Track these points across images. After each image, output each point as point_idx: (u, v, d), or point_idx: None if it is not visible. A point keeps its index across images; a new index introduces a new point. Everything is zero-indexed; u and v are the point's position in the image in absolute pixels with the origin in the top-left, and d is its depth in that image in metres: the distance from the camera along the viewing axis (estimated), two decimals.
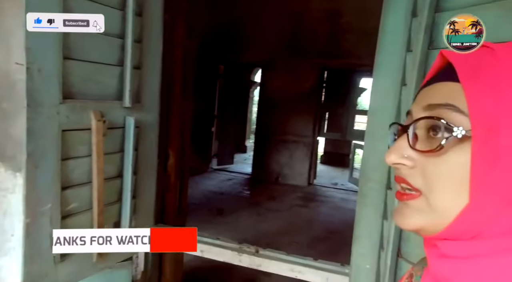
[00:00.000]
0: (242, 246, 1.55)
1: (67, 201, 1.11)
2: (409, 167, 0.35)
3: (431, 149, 0.33)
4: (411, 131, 0.36)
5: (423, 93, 0.38)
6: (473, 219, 0.32)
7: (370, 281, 1.10)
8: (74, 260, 1.15)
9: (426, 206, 0.34)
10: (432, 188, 0.34)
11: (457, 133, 0.32)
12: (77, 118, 1.10)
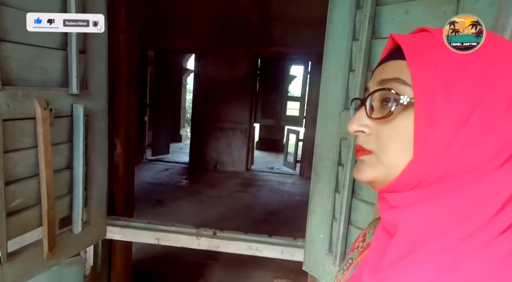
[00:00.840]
0: (199, 230, 1.58)
1: (12, 196, 1.02)
2: (366, 134, 0.42)
3: (383, 116, 0.40)
4: (368, 104, 0.43)
5: (378, 71, 0.45)
6: (415, 171, 0.39)
7: (324, 248, 1.23)
8: (22, 258, 1.06)
9: (377, 162, 0.42)
10: (384, 148, 0.41)
11: (403, 101, 0.39)
12: (19, 107, 1.00)
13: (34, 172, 1.09)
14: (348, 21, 1.12)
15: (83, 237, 1.31)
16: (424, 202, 0.39)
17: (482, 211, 0.36)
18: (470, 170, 0.37)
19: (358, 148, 0.44)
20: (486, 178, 0.36)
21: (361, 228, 1.12)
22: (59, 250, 1.18)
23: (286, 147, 7.42)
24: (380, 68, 0.44)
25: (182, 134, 9.82)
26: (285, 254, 1.52)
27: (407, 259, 0.38)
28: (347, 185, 1.11)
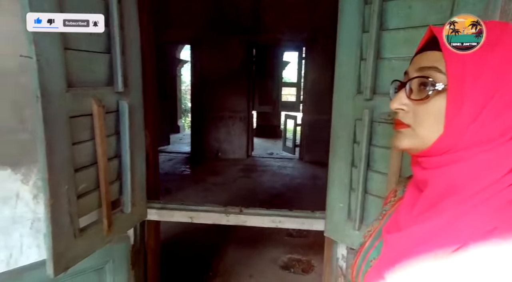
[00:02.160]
0: (227, 208, 1.76)
1: (79, 182, 1.18)
2: (405, 111, 0.52)
3: (421, 98, 0.49)
4: (408, 86, 0.51)
5: (417, 58, 0.52)
6: (445, 141, 0.48)
7: (344, 216, 1.42)
8: (88, 235, 1.24)
9: (413, 134, 0.51)
10: (420, 123, 0.50)
11: (439, 87, 0.47)
12: (80, 105, 1.16)
13: (92, 160, 1.25)
14: (358, 16, 1.28)
15: (131, 217, 1.49)
16: (450, 165, 0.48)
17: (493, 173, 0.45)
18: (487, 141, 0.46)
19: (397, 122, 0.53)
20: (498, 149, 0.45)
21: (377, 195, 1.32)
22: (114, 228, 1.35)
23: (284, 132, 7.60)
24: (419, 56, 0.52)
25: (180, 125, 9.92)
26: (305, 224, 1.71)
27: (433, 209, 0.49)
28: (363, 159, 1.29)
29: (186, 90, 11.52)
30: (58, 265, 1.09)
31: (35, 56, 0.97)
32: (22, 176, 1.47)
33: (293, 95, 8.30)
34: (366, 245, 0.64)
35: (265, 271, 3.06)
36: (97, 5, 1.21)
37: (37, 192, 1.50)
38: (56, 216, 1.08)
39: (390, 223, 0.60)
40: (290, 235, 3.76)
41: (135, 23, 1.41)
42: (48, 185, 1.04)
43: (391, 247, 0.53)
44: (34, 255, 1.53)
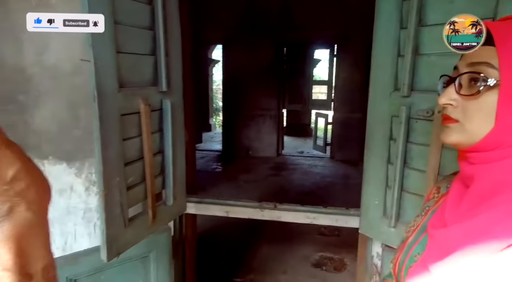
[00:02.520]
0: (262, 204, 1.81)
1: (128, 175, 1.28)
2: (454, 107, 0.51)
3: (471, 94, 0.48)
4: (457, 82, 0.50)
5: (467, 54, 0.51)
6: (496, 137, 0.47)
7: (379, 213, 1.43)
8: (136, 224, 1.33)
9: (462, 129, 0.50)
10: (469, 118, 0.49)
11: (490, 83, 0.46)
12: (129, 104, 1.25)
13: (139, 156, 1.34)
14: (396, 12, 1.28)
15: (172, 210, 1.58)
16: (500, 161, 0.48)
17: None
18: None
19: (446, 117, 0.52)
20: None
21: (414, 193, 1.31)
22: (158, 219, 1.45)
23: (315, 131, 7.55)
24: None
25: (211, 123, 10.13)
26: (339, 221, 1.73)
27: (483, 205, 0.48)
28: (399, 156, 1.29)
29: (217, 90, 11.73)
30: (111, 250, 1.19)
31: (93, 59, 1.07)
32: (76, 170, 1.61)
33: (324, 93, 8.21)
34: (409, 240, 0.64)
35: (297, 268, 3.08)
36: (144, 10, 1.30)
37: (88, 184, 1.63)
38: (109, 206, 1.18)
39: (435, 219, 0.59)
40: (322, 233, 3.76)
41: (177, 27, 1.49)
42: (102, 177, 1.14)
43: (437, 242, 0.53)
44: (86, 242, 1.67)
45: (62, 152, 1.59)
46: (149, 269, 1.58)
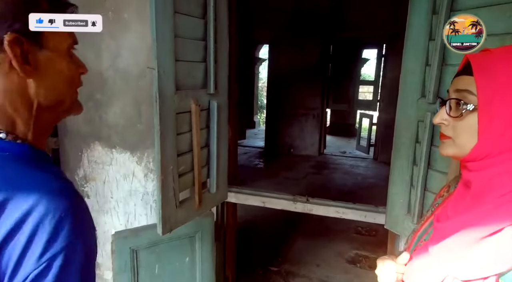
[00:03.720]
0: (295, 197, 1.98)
1: (180, 164, 1.52)
2: (446, 125, 0.62)
3: (457, 115, 0.59)
4: (447, 105, 0.61)
5: (455, 80, 0.62)
6: (480, 150, 0.58)
7: (403, 210, 1.52)
8: (185, 207, 1.57)
9: (453, 144, 0.62)
10: (458, 135, 0.61)
11: (470, 108, 0.57)
12: (183, 104, 1.48)
13: (189, 148, 1.58)
14: (426, 24, 1.37)
15: (215, 197, 1.81)
16: (488, 168, 0.58)
17: None
18: None
19: (441, 134, 0.65)
20: None
21: (435, 192, 1.39)
22: (203, 204, 1.68)
23: (359, 131, 7.47)
24: (457, 79, 0.62)
25: (256, 121, 10.40)
26: (368, 217, 1.84)
27: (476, 202, 0.59)
28: (423, 158, 1.38)
29: (262, 87, 11.97)
30: (165, 226, 1.44)
31: (157, 67, 1.31)
32: (137, 158, 1.90)
33: (370, 93, 8.07)
34: (419, 231, 0.76)
35: (331, 262, 3.20)
36: (199, 24, 1.53)
37: (147, 171, 1.91)
38: (165, 189, 1.42)
39: (440, 214, 0.69)
40: (359, 232, 3.82)
41: (225, 36, 1.71)
42: (160, 164, 1.38)
43: (439, 231, 0.64)
44: (143, 221, 1.96)
45: (127, 142, 1.89)
46: (195, 248, 1.83)
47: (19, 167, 0.45)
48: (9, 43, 0.45)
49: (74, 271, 0.43)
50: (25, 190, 0.42)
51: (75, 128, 1.93)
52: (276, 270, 3.06)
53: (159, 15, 1.30)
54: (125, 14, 1.76)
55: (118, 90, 1.83)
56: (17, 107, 0.48)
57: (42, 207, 0.41)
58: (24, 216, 0.40)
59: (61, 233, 0.41)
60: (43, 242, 0.40)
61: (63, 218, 0.42)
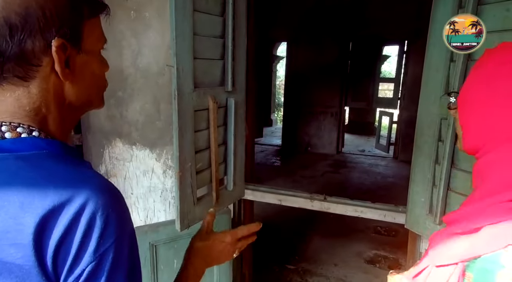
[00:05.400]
0: (312, 195, 1.96)
1: (197, 161, 1.53)
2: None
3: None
4: None
5: None
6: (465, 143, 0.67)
7: (425, 210, 1.48)
8: (202, 203, 1.59)
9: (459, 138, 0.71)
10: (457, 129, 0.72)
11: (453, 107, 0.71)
12: (201, 102, 1.50)
13: (207, 145, 1.59)
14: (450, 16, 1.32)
15: (232, 194, 1.82)
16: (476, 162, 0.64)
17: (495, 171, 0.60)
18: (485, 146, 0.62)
19: None
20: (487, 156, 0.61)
21: (461, 193, 1.35)
22: (220, 201, 1.69)
23: (378, 130, 7.33)
24: None
25: (273, 119, 10.38)
26: (387, 217, 1.80)
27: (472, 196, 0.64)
28: (446, 157, 1.34)
29: (280, 85, 11.92)
30: (183, 222, 1.46)
31: (175, 64, 1.32)
32: (156, 155, 1.93)
33: (390, 90, 7.89)
34: None
35: (349, 262, 3.16)
36: (217, 22, 1.53)
37: (165, 168, 1.94)
38: (183, 185, 1.44)
39: None
40: (378, 232, 3.75)
41: (243, 34, 1.70)
42: (178, 161, 1.40)
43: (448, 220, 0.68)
44: (162, 217, 1.99)
45: (147, 139, 1.93)
46: None
47: (61, 164, 0.47)
48: (57, 49, 0.47)
49: (123, 262, 0.45)
50: (74, 187, 0.44)
51: (97, 125, 1.98)
52: (293, 268, 3.05)
53: (179, 13, 1.31)
54: (146, 12, 1.79)
55: (138, 88, 1.87)
56: (51, 107, 0.50)
57: (93, 203, 0.43)
58: (78, 212, 0.42)
59: (110, 227, 0.44)
60: (96, 237, 0.43)
61: (110, 213, 0.44)
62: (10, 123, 0.47)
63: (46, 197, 0.42)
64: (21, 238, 0.41)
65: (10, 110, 0.47)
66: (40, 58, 0.46)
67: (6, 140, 0.46)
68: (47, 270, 0.42)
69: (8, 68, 0.45)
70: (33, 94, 0.48)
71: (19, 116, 0.48)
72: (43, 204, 0.41)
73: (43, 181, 0.43)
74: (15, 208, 0.41)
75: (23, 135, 0.47)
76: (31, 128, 0.48)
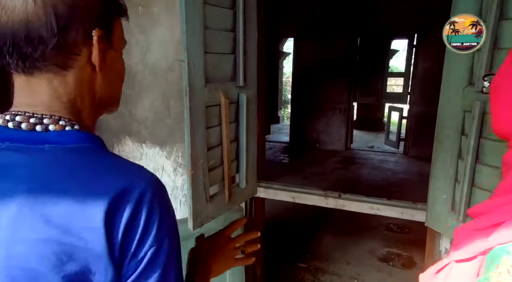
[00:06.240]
0: (327, 192, 1.91)
1: (210, 158, 1.49)
2: None
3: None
4: None
5: None
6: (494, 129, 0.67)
7: (447, 207, 1.42)
8: (215, 201, 1.55)
9: None
10: None
11: None
12: (213, 97, 1.45)
13: (219, 142, 1.54)
14: (474, 4, 1.25)
15: (245, 192, 1.77)
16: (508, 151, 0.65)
17: None
18: None
19: None
20: None
21: (486, 189, 1.28)
22: (232, 199, 1.65)
23: (387, 125, 7.23)
24: None
25: (280, 115, 10.31)
26: (405, 214, 1.74)
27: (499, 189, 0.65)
28: (471, 151, 1.28)
29: (286, 82, 11.84)
30: (196, 221, 1.42)
31: (186, 59, 1.28)
32: (166, 153, 1.89)
33: (399, 85, 7.77)
34: None
35: (362, 260, 3.10)
36: (228, 15, 1.48)
37: (176, 166, 1.90)
38: (195, 183, 1.40)
39: None
40: (390, 229, 3.69)
41: (254, 27, 1.65)
42: (190, 158, 1.36)
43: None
44: None
45: (156, 137, 1.89)
46: None
47: (106, 156, 0.51)
48: (98, 39, 0.49)
49: (176, 247, 0.50)
50: (131, 176, 0.47)
51: (106, 124, 1.95)
52: (305, 267, 3.01)
53: (189, 6, 1.26)
54: (154, 7, 1.75)
55: (147, 85, 1.83)
56: (85, 100, 0.52)
57: (151, 191, 0.46)
58: (140, 199, 0.45)
59: (166, 214, 0.48)
60: (156, 222, 0.46)
61: (164, 201, 0.49)
62: (52, 116, 0.48)
63: (109, 184, 0.44)
64: (92, 222, 0.42)
65: (46, 102, 0.48)
66: (79, 48, 0.48)
67: (50, 132, 0.47)
68: (115, 253, 0.43)
69: (50, 55, 0.46)
70: (70, 84, 0.49)
71: (56, 109, 0.49)
72: (108, 191, 0.44)
73: (101, 170, 0.46)
74: (82, 194, 0.43)
75: (67, 128, 0.49)
76: (72, 122, 0.50)
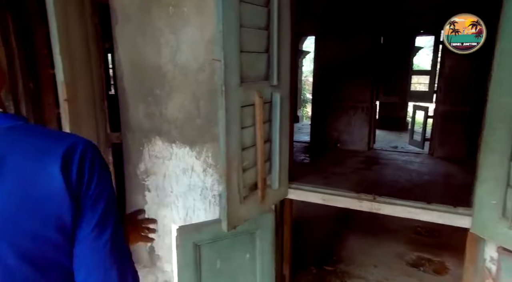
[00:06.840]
0: (360, 195, 1.84)
1: (244, 159, 1.46)
2: None
3: None
4: None
5: None
6: None
7: (496, 214, 1.34)
8: (248, 203, 1.52)
9: None
10: None
11: None
12: (247, 97, 1.42)
13: (252, 143, 1.51)
14: None
15: (277, 193, 1.73)
16: None
17: None
18: None
19: None
20: None
21: None
22: (266, 201, 1.61)
23: (412, 125, 7.02)
24: None
25: (299, 115, 10.21)
26: (443, 219, 1.66)
27: None
28: None
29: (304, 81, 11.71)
30: (230, 223, 1.39)
31: (223, 58, 1.25)
32: (196, 153, 1.88)
33: (424, 84, 7.53)
34: None
35: (390, 264, 3.01)
36: (262, 13, 1.45)
37: (206, 166, 1.88)
38: (230, 184, 1.37)
39: None
40: (418, 233, 3.57)
41: (287, 25, 1.61)
42: (226, 159, 1.33)
43: None
44: (202, 216, 1.94)
45: (186, 137, 1.88)
46: (255, 245, 1.77)
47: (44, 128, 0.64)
48: None
49: (113, 192, 0.63)
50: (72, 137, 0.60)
51: (136, 124, 1.96)
52: (331, 270, 2.94)
53: (226, 4, 1.23)
54: (185, 7, 1.73)
55: (177, 85, 1.82)
56: None
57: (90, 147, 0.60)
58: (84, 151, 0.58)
59: (103, 161, 0.62)
60: (98, 166, 0.60)
61: (99, 154, 0.62)
62: None
63: (58, 143, 0.57)
64: (52, 171, 0.54)
65: None
66: None
67: None
68: (73, 191, 0.56)
69: None
70: None
71: None
72: (58, 148, 0.56)
73: (47, 136, 0.59)
74: (38, 153, 0.55)
75: None
76: None
